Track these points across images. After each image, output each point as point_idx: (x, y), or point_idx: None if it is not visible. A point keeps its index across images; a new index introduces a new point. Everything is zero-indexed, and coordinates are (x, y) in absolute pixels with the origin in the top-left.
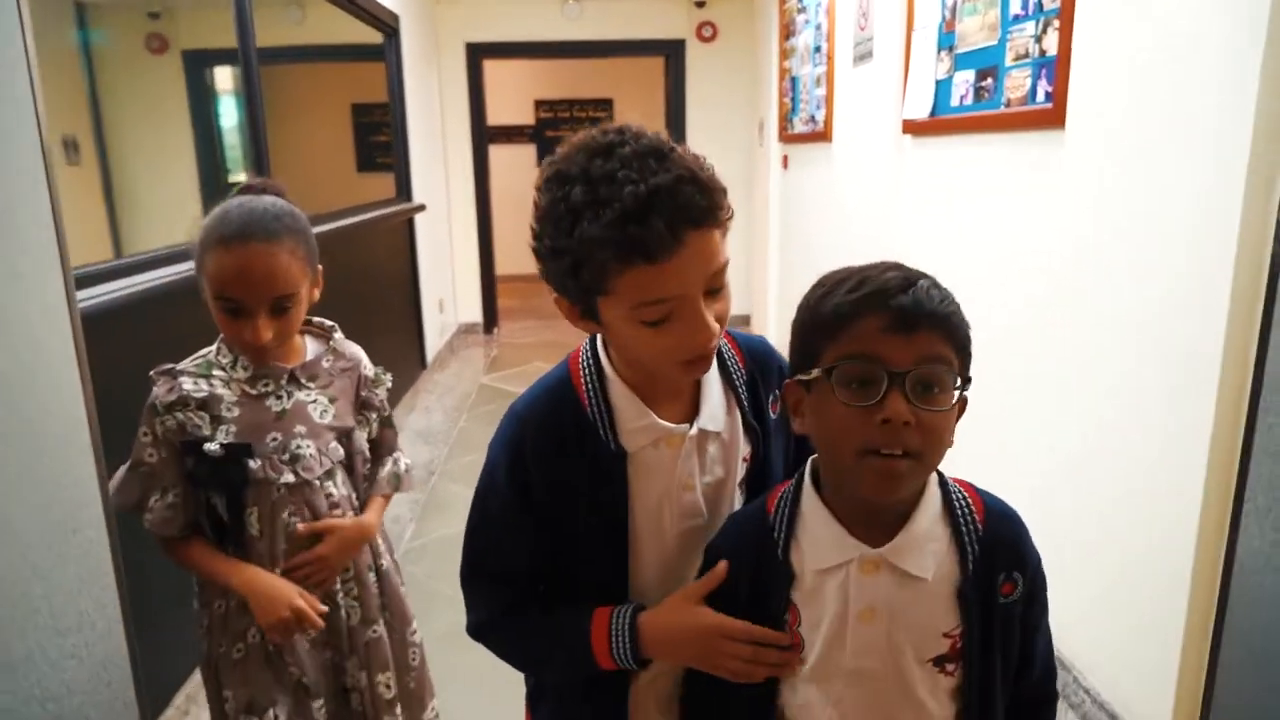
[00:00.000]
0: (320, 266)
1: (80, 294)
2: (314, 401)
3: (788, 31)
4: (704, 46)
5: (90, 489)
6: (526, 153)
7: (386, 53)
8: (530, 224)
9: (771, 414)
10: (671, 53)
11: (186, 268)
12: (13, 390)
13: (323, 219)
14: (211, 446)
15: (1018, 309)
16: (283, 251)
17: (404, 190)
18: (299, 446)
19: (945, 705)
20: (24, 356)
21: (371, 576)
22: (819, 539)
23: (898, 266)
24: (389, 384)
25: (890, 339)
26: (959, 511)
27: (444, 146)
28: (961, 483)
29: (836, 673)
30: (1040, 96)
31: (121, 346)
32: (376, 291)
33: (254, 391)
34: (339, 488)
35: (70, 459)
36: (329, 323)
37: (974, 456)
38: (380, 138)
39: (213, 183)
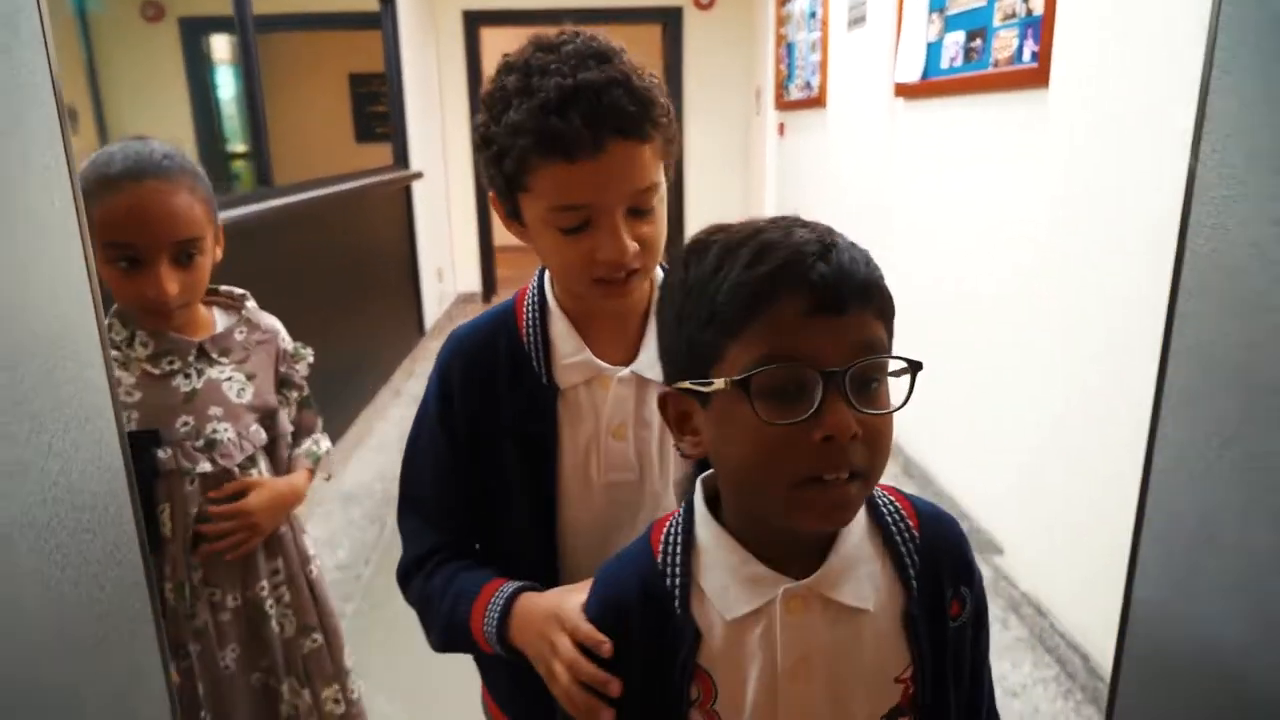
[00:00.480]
0: (221, 225)
1: None
2: (229, 379)
3: None
4: (701, 14)
5: (103, 393)
6: None
7: (383, 20)
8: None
9: None
10: (669, 20)
11: None
12: (38, 309)
13: (320, 184)
14: None
15: (1006, 277)
16: (181, 189)
17: (401, 158)
18: (215, 431)
19: None
20: (37, 260)
21: (304, 582)
22: (727, 580)
23: (800, 221)
24: (310, 359)
25: (817, 325)
26: (889, 520)
27: (442, 116)
28: (884, 486)
29: None
30: (1027, 56)
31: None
32: (374, 259)
33: (157, 371)
34: (263, 476)
35: (87, 371)
36: (239, 290)
37: (964, 422)
38: (379, 108)
39: (211, 152)
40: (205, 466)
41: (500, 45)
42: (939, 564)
